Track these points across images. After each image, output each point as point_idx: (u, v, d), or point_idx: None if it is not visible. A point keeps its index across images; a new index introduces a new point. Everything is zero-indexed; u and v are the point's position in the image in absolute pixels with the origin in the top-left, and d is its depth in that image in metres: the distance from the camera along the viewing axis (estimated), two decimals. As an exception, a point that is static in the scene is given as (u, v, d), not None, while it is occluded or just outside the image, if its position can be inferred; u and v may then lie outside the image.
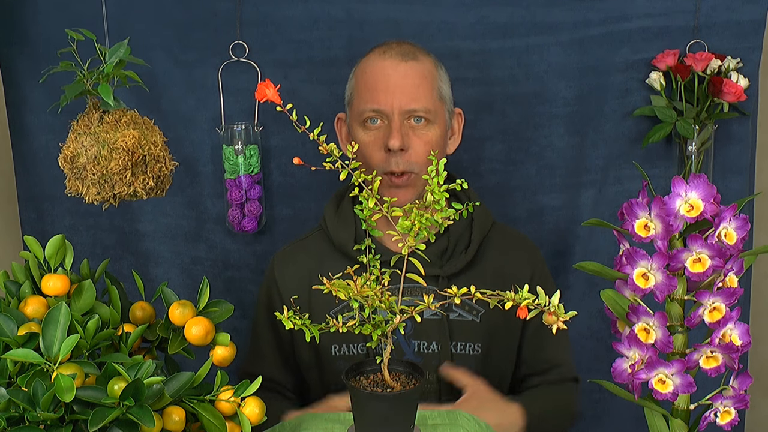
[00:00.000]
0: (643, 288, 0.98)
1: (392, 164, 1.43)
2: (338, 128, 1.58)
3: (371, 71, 1.46)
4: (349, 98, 1.51)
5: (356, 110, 1.48)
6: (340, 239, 1.49)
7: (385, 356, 1.08)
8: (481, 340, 1.48)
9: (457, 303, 1.01)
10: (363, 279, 1.04)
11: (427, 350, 1.46)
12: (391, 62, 1.44)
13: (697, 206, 0.96)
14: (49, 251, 1.13)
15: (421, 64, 1.45)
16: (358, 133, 1.47)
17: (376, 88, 1.44)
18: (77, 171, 1.09)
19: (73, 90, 1.06)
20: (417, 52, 1.47)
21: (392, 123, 1.42)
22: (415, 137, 1.44)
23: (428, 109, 1.44)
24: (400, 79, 1.43)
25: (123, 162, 1.08)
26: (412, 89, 1.43)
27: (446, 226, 1.08)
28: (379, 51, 1.47)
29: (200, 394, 1.03)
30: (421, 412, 1.23)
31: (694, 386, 0.99)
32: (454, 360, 1.47)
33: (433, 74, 1.47)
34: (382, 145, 1.43)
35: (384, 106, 1.43)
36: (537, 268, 1.54)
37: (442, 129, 1.48)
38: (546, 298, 0.96)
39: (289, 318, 1.05)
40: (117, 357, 1.01)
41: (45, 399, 0.90)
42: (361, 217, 1.07)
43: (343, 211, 1.53)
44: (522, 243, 1.57)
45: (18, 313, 1.06)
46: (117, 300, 1.15)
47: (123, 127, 1.10)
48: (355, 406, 1.09)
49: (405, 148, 1.42)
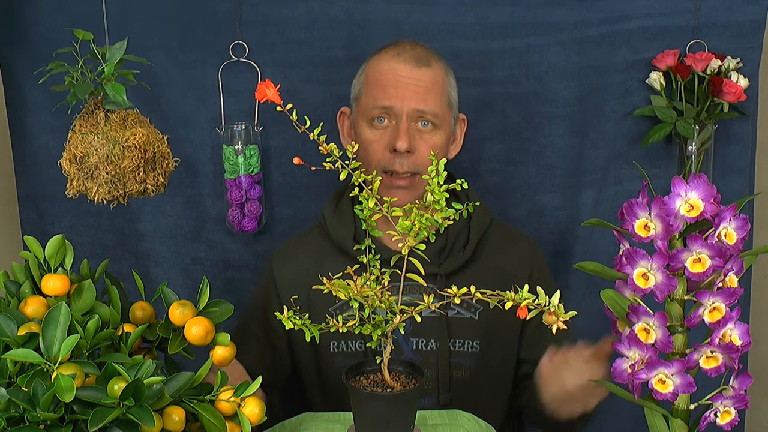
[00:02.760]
0: (643, 288, 0.98)
1: (396, 164, 1.43)
2: (341, 122, 1.57)
3: (383, 71, 1.46)
4: (357, 94, 1.51)
5: (364, 107, 1.48)
6: (340, 237, 1.49)
7: (385, 356, 1.08)
8: (479, 337, 1.48)
9: (457, 303, 1.01)
10: (363, 279, 1.04)
11: (426, 348, 1.46)
12: (404, 66, 1.44)
13: (697, 206, 0.96)
14: (49, 251, 1.13)
15: (433, 71, 1.46)
16: (364, 130, 1.47)
17: (387, 86, 1.44)
18: (88, 171, 1.09)
19: (83, 90, 1.06)
20: (430, 58, 1.47)
21: (400, 124, 1.43)
22: (421, 141, 1.44)
23: (436, 113, 1.44)
24: (412, 81, 1.43)
25: (136, 160, 1.09)
26: (423, 92, 1.43)
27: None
28: (393, 52, 1.47)
29: (200, 394, 1.03)
30: (421, 412, 1.23)
31: (694, 386, 0.99)
32: (453, 358, 1.47)
33: (444, 80, 1.48)
34: (387, 144, 1.44)
35: (395, 103, 1.43)
36: (536, 266, 1.54)
37: (447, 135, 1.49)
38: (546, 298, 0.96)
39: (289, 318, 1.05)
40: (117, 357, 1.01)
41: (45, 399, 0.90)
42: (361, 217, 1.07)
43: (342, 210, 1.53)
44: (521, 240, 1.57)
45: (18, 313, 1.06)
46: (117, 300, 1.15)
47: (131, 125, 1.11)
48: (355, 406, 1.09)
49: (411, 150, 1.43)
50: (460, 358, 1.47)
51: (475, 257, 1.50)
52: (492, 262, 1.50)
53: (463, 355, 1.47)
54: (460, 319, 1.47)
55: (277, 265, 1.55)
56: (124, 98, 1.07)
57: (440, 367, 1.46)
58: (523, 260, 1.53)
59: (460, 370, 1.48)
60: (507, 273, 1.49)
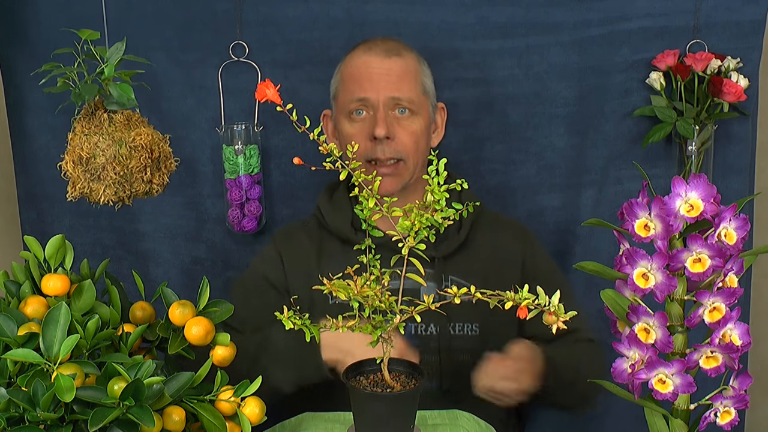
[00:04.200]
0: (643, 288, 0.98)
1: (378, 152, 1.47)
2: (325, 124, 1.61)
3: (356, 65, 1.51)
4: (335, 92, 1.56)
5: (342, 102, 1.53)
6: (336, 224, 1.53)
7: (385, 356, 1.08)
8: (479, 320, 1.49)
9: (457, 303, 1.01)
10: (363, 279, 1.04)
11: (425, 332, 1.48)
12: (375, 57, 1.50)
13: (697, 206, 0.96)
14: (49, 251, 1.13)
15: (404, 60, 1.51)
16: (344, 125, 1.52)
17: (361, 78, 1.49)
18: (95, 172, 1.09)
19: (90, 91, 1.06)
20: (400, 48, 1.52)
21: (377, 113, 1.48)
22: (400, 127, 1.49)
23: (412, 99, 1.49)
24: (384, 71, 1.49)
25: (144, 160, 1.11)
26: (396, 81, 1.48)
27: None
28: (363, 47, 1.52)
29: (200, 394, 1.03)
30: (421, 412, 1.23)
31: (694, 386, 0.99)
32: (453, 341, 1.47)
33: (416, 69, 1.52)
34: (367, 134, 1.48)
35: (370, 94, 1.48)
36: (528, 246, 1.57)
37: (426, 121, 1.53)
38: (546, 298, 0.96)
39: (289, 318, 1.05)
40: (117, 357, 1.01)
41: (45, 399, 0.90)
42: (361, 217, 1.07)
43: (337, 200, 1.56)
44: (512, 224, 1.62)
45: (18, 313, 1.06)
46: (117, 300, 1.15)
47: (135, 126, 1.11)
48: (355, 406, 1.09)
49: (391, 137, 1.47)
50: (461, 342, 1.48)
51: (470, 240, 1.53)
52: (486, 244, 1.54)
53: (464, 339, 1.48)
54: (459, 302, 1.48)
55: (281, 241, 1.58)
56: (132, 98, 1.08)
57: (441, 352, 1.47)
58: (516, 241, 1.57)
59: (461, 354, 1.48)
60: (500, 253, 1.53)
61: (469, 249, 1.52)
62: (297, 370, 1.36)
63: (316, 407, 1.33)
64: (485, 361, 1.36)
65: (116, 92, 1.07)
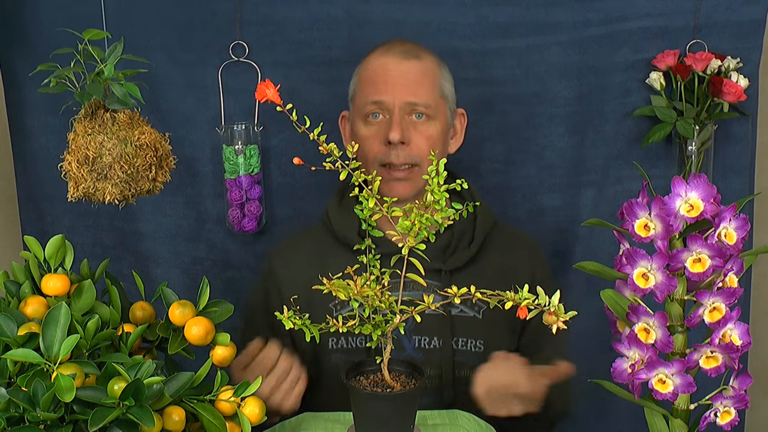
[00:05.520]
0: (643, 288, 0.98)
1: (392, 156, 1.45)
2: (342, 126, 1.60)
3: (373, 67, 1.49)
4: (352, 94, 1.54)
5: (358, 105, 1.50)
6: (343, 230, 1.50)
7: (385, 356, 1.08)
8: (483, 336, 1.48)
9: (456, 303, 1.01)
10: (363, 279, 1.04)
11: (429, 346, 1.46)
12: (393, 59, 1.47)
13: (697, 206, 0.96)
14: (49, 251, 1.13)
15: (423, 63, 1.48)
16: (360, 127, 1.49)
17: (378, 81, 1.47)
18: (101, 171, 1.09)
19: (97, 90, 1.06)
20: (419, 51, 1.49)
21: (393, 117, 1.45)
22: (416, 132, 1.46)
23: (428, 104, 1.46)
24: (401, 74, 1.46)
25: (149, 158, 1.11)
26: (413, 84, 1.46)
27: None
28: (382, 49, 1.50)
29: (200, 394, 1.03)
30: (421, 412, 1.23)
31: (694, 386, 0.99)
32: (456, 356, 1.47)
33: (435, 72, 1.49)
34: (382, 138, 1.45)
35: (385, 97, 1.45)
36: (539, 266, 1.55)
37: (443, 126, 1.50)
38: (546, 298, 0.96)
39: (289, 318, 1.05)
40: (117, 357, 1.01)
41: (45, 399, 0.90)
42: (361, 217, 1.07)
43: (346, 205, 1.54)
44: (523, 241, 1.58)
45: (18, 313, 1.06)
46: (117, 300, 1.15)
47: (137, 124, 1.12)
48: (355, 406, 1.09)
49: (405, 142, 1.44)
50: (464, 357, 1.47)
51: (479, 256, 1.50)
52: (495, 261, 1.51)
53: (467, 354, 1.47)
54: (464, 317, 1.47)
55: (275, 262, 1.55)
56: (139, 97, 1.08)
57: (443, 366, 1.46)
58: (526, 260, 1.54)
59: (463, 369, 1.48)
60: (509, 272, 1.50)
61: (478, 265, 1.49)
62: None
63: (316, 407, 1.33)
64: (490, 359, 1.35)
65: (121, 91, 1.07)
